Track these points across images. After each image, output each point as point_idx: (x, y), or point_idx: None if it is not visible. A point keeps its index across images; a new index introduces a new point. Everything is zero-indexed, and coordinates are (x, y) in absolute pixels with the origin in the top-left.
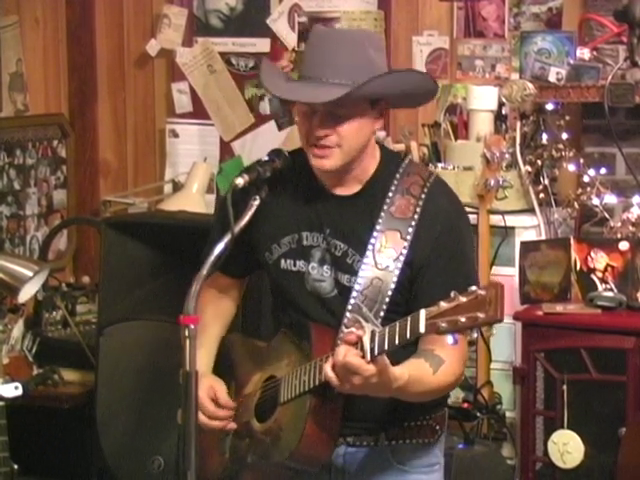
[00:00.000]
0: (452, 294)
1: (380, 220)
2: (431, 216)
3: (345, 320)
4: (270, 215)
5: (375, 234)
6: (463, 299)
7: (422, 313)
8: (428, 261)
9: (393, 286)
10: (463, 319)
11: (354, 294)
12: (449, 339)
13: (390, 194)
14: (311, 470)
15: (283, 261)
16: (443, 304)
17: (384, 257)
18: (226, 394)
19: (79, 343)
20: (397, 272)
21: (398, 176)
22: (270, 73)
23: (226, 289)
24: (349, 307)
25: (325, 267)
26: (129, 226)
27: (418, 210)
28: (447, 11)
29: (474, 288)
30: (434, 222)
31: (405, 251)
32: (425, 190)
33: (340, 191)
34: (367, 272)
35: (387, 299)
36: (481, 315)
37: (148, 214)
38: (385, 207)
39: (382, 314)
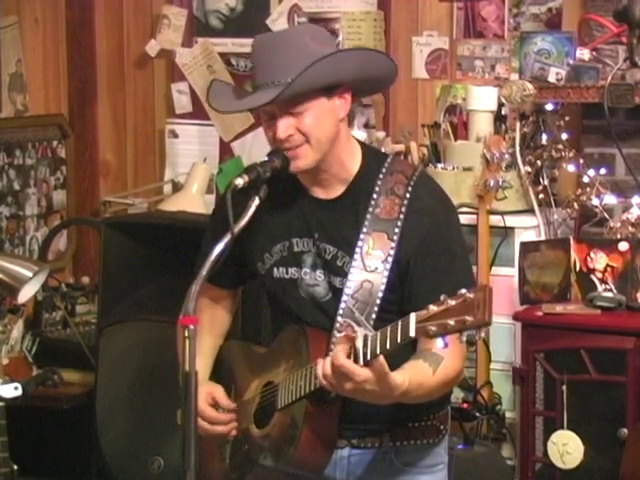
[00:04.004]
0: (442, 297)
1: (366, 222)
2: (417, 215)
3: (337, 325)
4: (260, 224)
5: (362, 236)
6: (452, 302)
7: (412, 317)
8: (416, 258)
9: (383, 287)
10: (452, 322)
11: (344, 298)
12: (439, 342)
13: (374, 195)
14: (311, 476)
15: (275, 270)
16: (432, 307)
17: (372, 259)
18: (225, 397)
19: (79, 343)
20: (386, 273)
21: (381, 176)
22: (220, 92)
23: (218, 299)
24: (340, 311)
25: (318, 272)
26: (129, 226)
27: (403, 210)
28: (447, 11)
29: (463, 291)
30: (420, 221)
31: (393, 252)
32: (409, 189)
33: (324, 194)
34: (356, 275)
35: (378, 301)
36: (469, 318)
37: (148, 214)
38: (370, 209)
39: (374, 316)
